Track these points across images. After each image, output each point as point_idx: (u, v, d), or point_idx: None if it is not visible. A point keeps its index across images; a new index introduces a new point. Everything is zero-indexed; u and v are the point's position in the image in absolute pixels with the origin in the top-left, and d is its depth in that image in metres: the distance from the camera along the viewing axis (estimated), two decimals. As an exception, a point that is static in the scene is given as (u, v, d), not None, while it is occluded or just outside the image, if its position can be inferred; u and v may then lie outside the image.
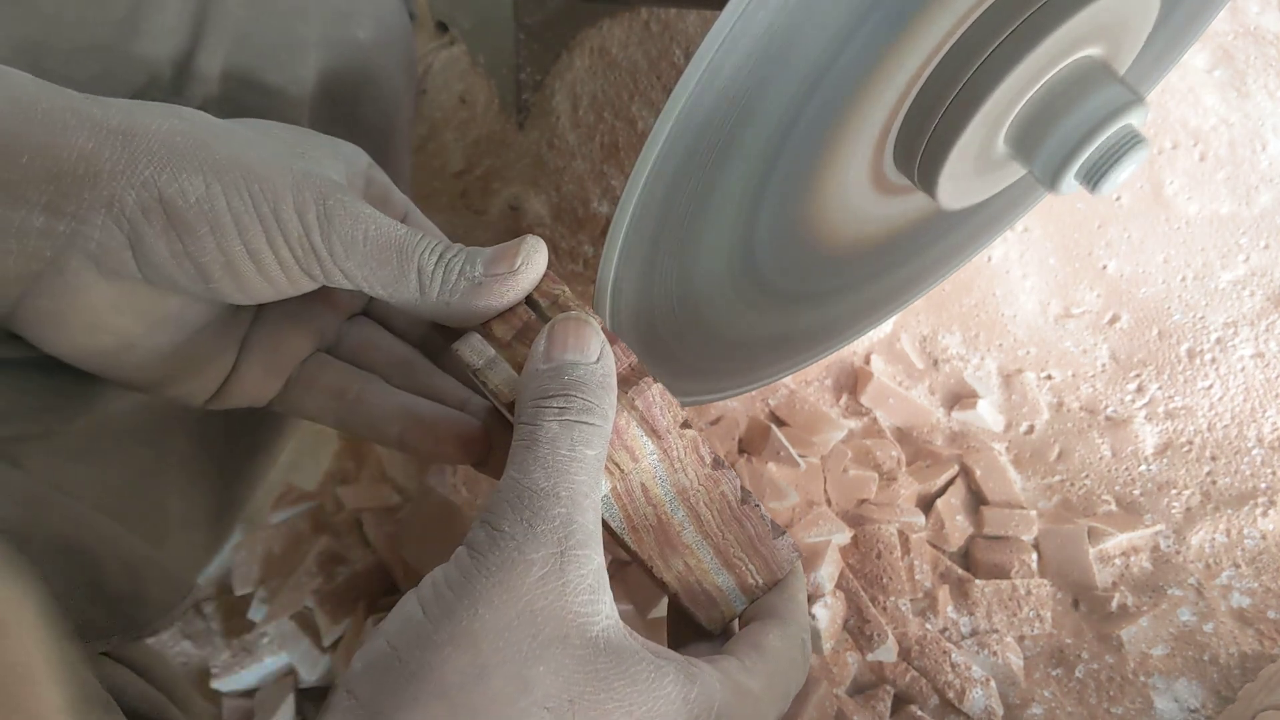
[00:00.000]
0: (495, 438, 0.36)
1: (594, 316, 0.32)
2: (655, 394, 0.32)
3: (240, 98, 0.42)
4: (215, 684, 0.59)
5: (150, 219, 0.29)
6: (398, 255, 0.31)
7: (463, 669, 0.26)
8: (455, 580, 0.27)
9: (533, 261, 0.31)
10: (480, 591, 0.27)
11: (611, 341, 0.32)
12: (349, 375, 0.37)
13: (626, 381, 0.32)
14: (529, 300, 0.33)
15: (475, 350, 0.32)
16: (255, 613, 0.62)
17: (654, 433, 0.32)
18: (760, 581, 0.36)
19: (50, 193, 0.29)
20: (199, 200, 0.29)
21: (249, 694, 0.60)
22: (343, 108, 0.47)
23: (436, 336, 0.40)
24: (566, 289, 0.33)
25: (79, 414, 0.40)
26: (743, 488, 0.35)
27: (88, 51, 0.37)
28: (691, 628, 0.37)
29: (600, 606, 0.28)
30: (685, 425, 0.33)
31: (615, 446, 0.31)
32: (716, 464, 0.34)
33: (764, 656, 0.33)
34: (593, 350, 0.30)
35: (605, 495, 0.32)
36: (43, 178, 0.28)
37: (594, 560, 0.28)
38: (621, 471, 0.32)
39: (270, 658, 0.60)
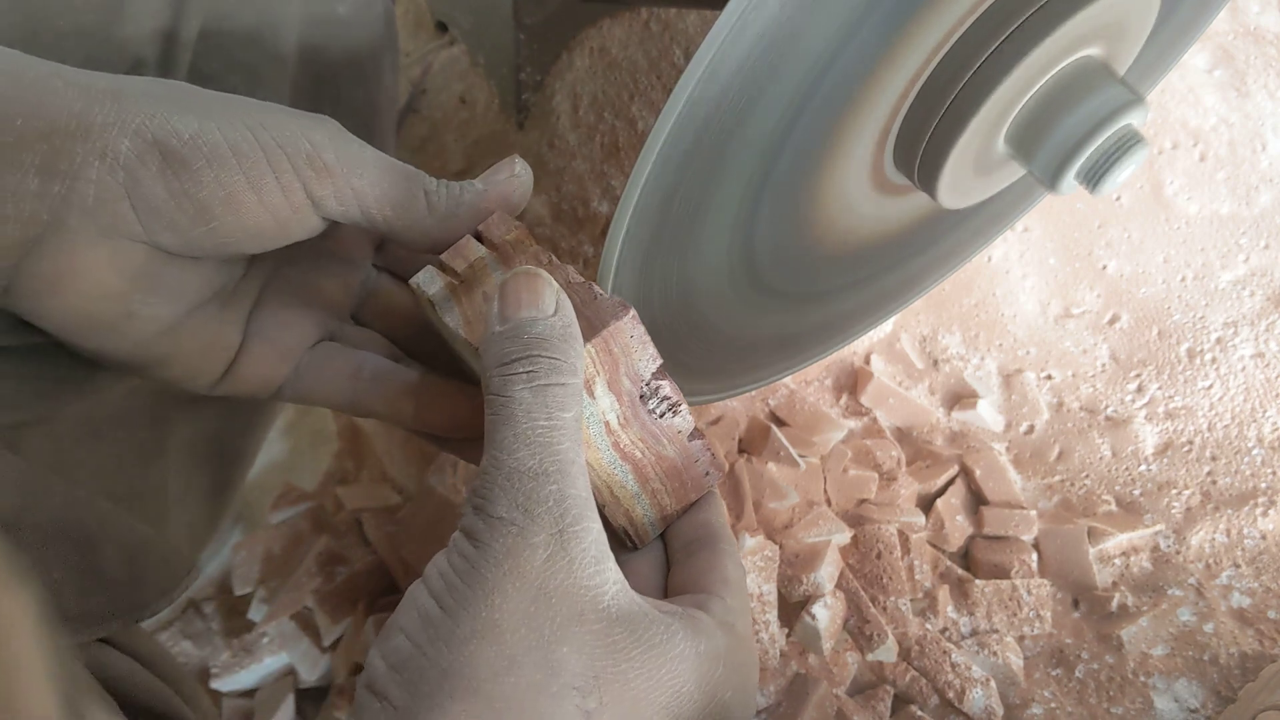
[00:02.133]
0: None
1: (546, 252, 0.32)
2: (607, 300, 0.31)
3: (223, 79, 0.42)
4: (215, 684, 0.59)
5: (145, 162, 0.30)
6: (404, 176, 0.32)
7: (491, 661, 0.26)
8: (464, 570, 0.27)
9: (527, 168, 0.33)
10: (493, 581, 0.27)
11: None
12: (360, 355, 0.37)
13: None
14: (482, 241, 0.33)
15: (428, 279, 0.33)
16: (255, 613, 0.62)
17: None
18: (674, 505, 0.35)
19: (43, 153, 0.29)
20: (193, 136, 0.30)
21: (249, 694, 0.60)
22: (326, 88, 0.47)
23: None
24: (521, 227, 0.33)
25: (79, 398, 0.39)
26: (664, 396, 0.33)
27: (72, 37, 0.37)
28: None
29: (607, 574, 0.28)
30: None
31: None
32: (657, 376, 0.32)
33: (734, 590, 0.33)
34: (548, 303, 0.29)
35: None
36: (35, 139, 0.29)
37: (593, 530, 0.28)
38: None
39: (270, 658, 0.60)
